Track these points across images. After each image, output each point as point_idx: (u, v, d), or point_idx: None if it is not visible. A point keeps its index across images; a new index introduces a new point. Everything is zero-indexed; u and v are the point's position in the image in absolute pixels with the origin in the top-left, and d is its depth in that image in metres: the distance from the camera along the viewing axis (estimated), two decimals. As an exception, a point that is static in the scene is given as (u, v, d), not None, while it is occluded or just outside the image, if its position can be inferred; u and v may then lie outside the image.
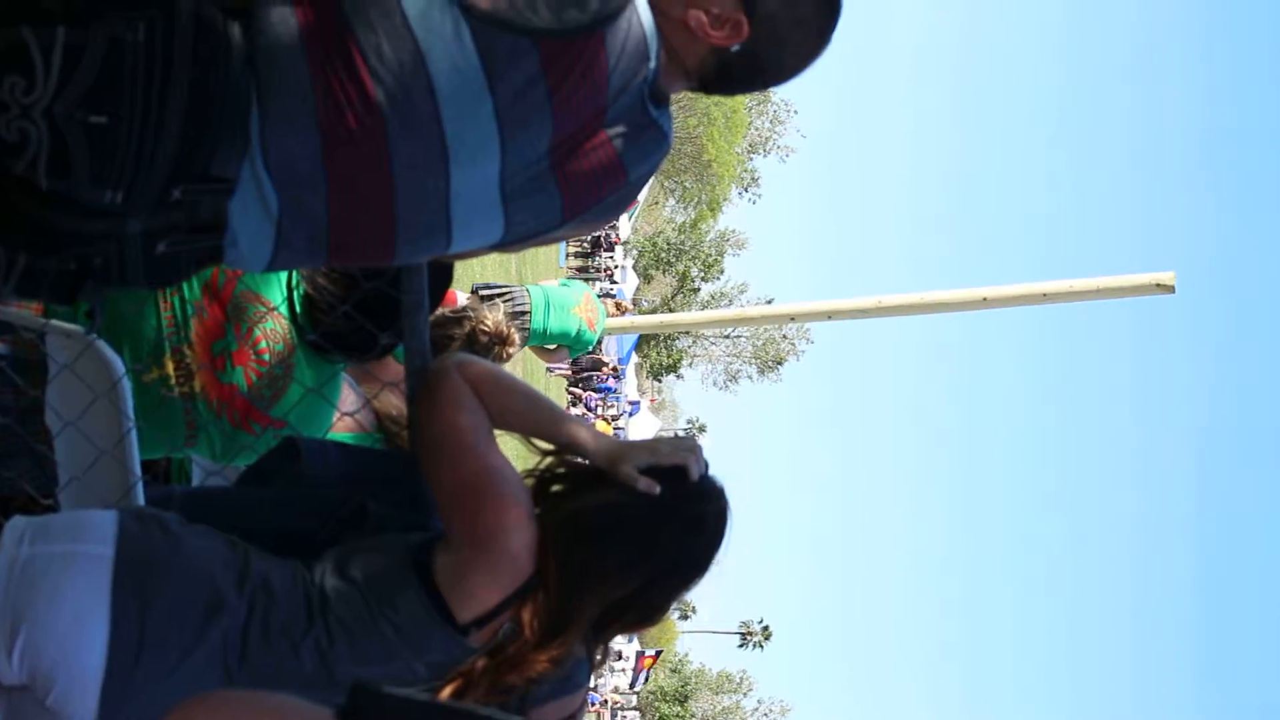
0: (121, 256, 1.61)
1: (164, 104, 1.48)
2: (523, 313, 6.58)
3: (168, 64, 1.48)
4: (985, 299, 7.48)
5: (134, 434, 2.39)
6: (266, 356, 2.77)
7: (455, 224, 1.74)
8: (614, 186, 1.83)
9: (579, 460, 2.08)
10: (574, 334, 6.76)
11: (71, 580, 1.84)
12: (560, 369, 26.26)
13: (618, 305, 9.29)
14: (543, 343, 6.83)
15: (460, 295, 6.99)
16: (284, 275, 2.80)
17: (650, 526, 2.00)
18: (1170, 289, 6.84)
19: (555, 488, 2.07)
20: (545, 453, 2.10)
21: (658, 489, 1.98)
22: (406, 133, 1.62)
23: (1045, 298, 7.40)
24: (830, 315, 8.06)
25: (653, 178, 2.05)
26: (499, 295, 6.74)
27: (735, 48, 1.78)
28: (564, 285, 7.14)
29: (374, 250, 1.76)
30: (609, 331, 8.51)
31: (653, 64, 1.74)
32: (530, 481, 2.06)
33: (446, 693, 1.93)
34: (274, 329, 2.78)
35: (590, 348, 7.37)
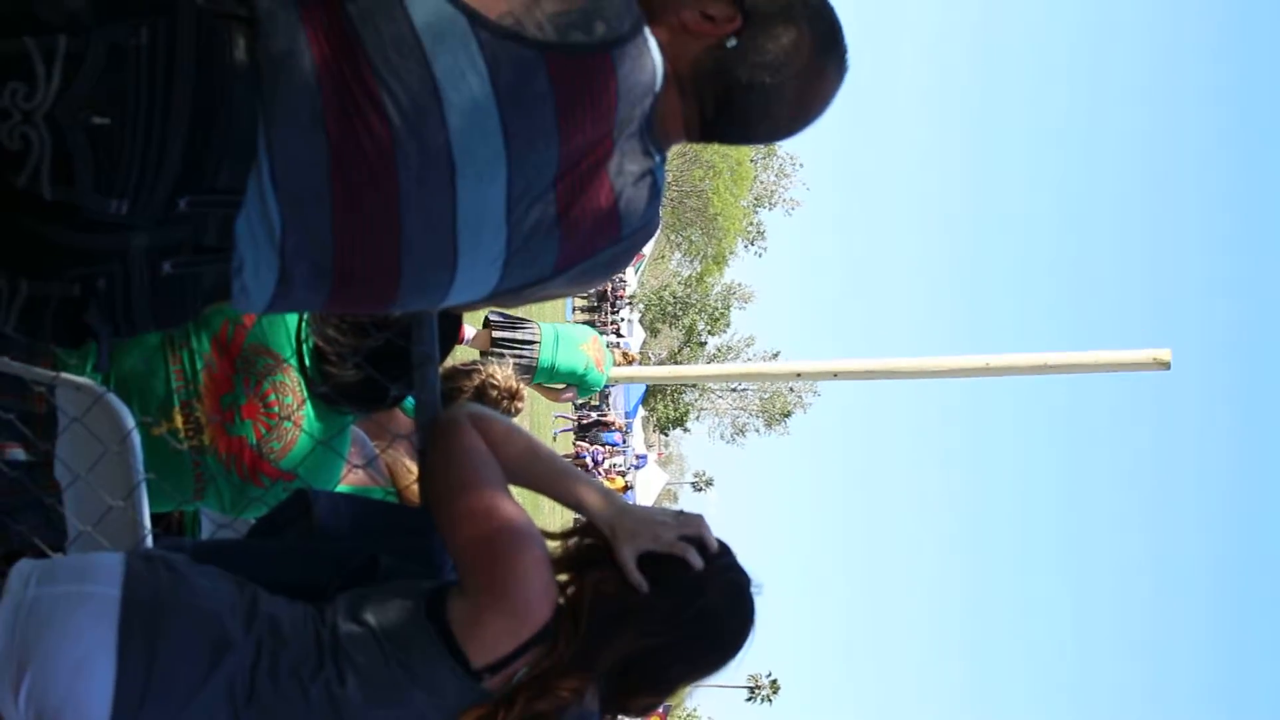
0: (127, 278, 1.58)
1: (168, 107, 1.47)
2: (532, 342, 6.62)
3: (170, 67, 1.46)
4: (988, 366, 7.81)
5: (144, 487, 2.39)
6: (275, 409, 2.77)
7: (461, 250, 1.71)
8: (608, 241, 1.82)
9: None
10: (582, 371, 6.80)
11: (78, 620, 1.83)
12: (566, 417, 26.20)
13: (625, 355, 9.33)
14: (550, 380, 6.86)
15: (469, 329, 7.03)
16: (293, 328, 2.80)
17: (675, 603, 2.02)
18: (1166, 365, 7.19)
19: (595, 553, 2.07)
20: (572, 531, 2.11)
21: (646, 588, 1.99)
22: (414, 143, 1.60)
23: (1047, 368, 7.73)
24: (836, 375, 8.39)
25: (658, 232, 2.04)
26: (511, 324, 6.79)
27: (731, 43, 1.77)
28: (572, 325, 7.22)
29: (378, 280, 1.72)
30: (616, 381, 8.55)
31: (658, 87, 1.73)
32: (560, 546, 2.07)
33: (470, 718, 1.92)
34: (283, 382, 2.78)
35: (598, 389, 7.41)
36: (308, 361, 2.80)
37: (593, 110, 1.68)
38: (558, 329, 6.87)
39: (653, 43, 1.72)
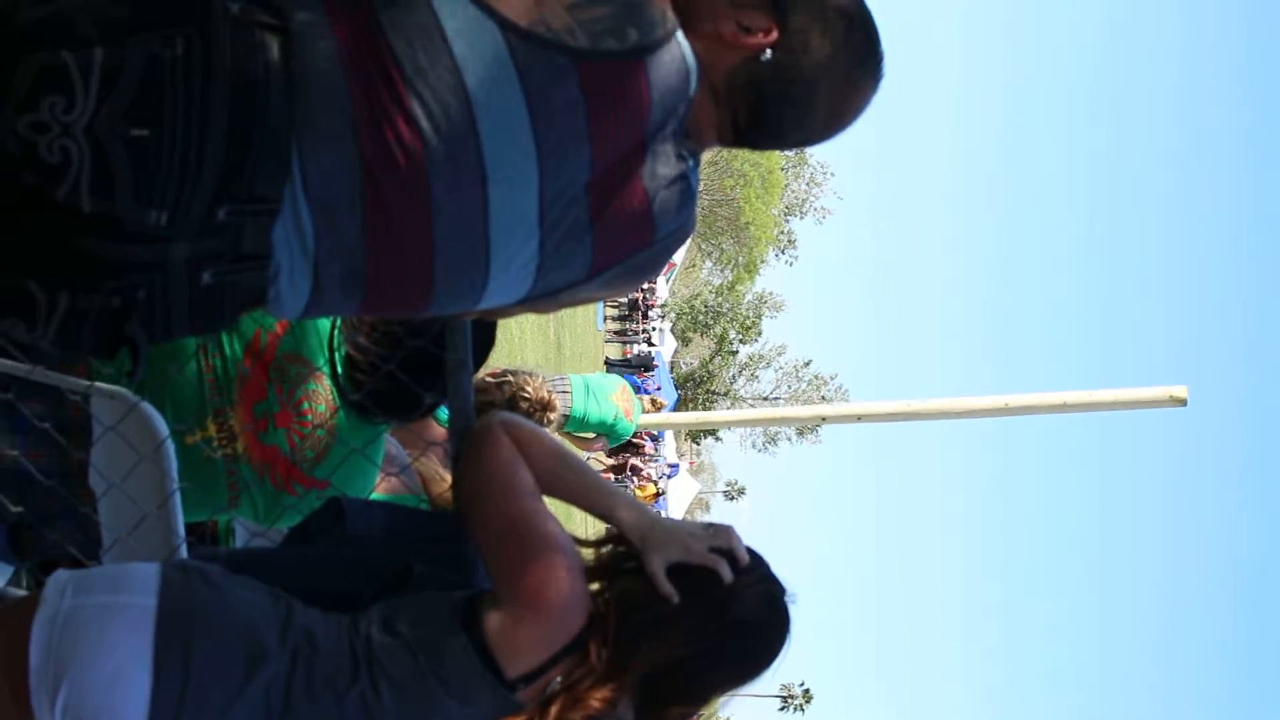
0: (166, 289, 1.57)
1: (205, 118, 1.46)
2: (562, 391, 6.68)
3: (207, 76, 1.46)
4: (1008, 406, 8.27)
5: (178, 495, 2.39)
6: (309, 418, 2.77)
7: (493, 256, 1.71)
8: (641, 244, 1.81)
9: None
10: (611, 421, 6.87)
11: (114, 631, 1.83)
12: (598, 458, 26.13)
13: (653, 402, 9.49)
14: (580, 429, 6.93)
15: None
16: (326, 336, 2.81)
17: (707, 613, 2.02)
18: (1183, 402, 7.47)
19: (627, 561, 2.07)
20: (605, 539, 2.11)
21: (676, 599, 1.98)
22: (445, 149, 1.60)
23: (1065, 407, 8.14)
24: (860, 418, 9.01)
25: (689, 240, 2.03)
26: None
27: (765, 56, 1.76)
28: (601, 376, 7.35)
29: (411, 285, 1.72)
30: (644, 427, 8.68)
31: (692, 92, 1.73)
32: (593, 553, 2.07)
33: None
34: (316, 390, 2.78)
35: (627, 438, 7.50)
36: (340, 370, 2.81)
37: (625, 117, 1.68)
38: (587, 380, 6.99)
39: (687, 48, 1.71)
